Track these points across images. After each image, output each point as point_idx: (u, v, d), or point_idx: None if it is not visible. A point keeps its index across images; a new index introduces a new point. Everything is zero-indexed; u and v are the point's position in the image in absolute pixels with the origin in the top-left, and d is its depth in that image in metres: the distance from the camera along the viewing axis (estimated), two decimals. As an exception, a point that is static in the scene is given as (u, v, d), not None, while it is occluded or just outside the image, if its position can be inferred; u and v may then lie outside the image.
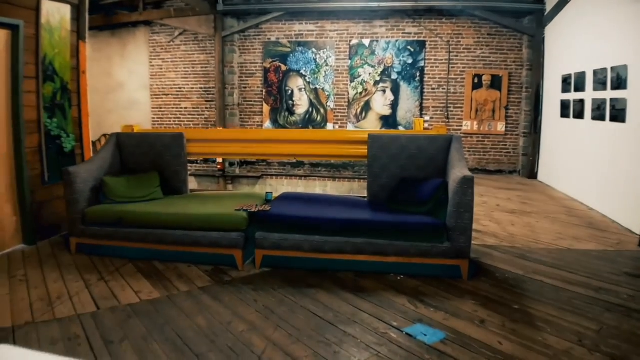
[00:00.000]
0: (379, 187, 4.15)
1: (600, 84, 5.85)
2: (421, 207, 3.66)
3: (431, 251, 3.43)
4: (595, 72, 6.03)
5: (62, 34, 4.64)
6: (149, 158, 4.55)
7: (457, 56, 9.18)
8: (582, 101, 6.49)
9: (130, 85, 10.57)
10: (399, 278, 3.48)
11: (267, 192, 4.33)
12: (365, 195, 4.33)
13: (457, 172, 3.47)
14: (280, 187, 9.96)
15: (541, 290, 3.26)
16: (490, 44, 9.04)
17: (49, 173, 4.49)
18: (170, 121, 10.45)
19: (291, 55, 9.68)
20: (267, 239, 3.63)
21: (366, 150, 4.23)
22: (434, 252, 3.42)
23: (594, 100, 6.07)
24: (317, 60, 9.60)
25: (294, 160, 4.48)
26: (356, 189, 9.61)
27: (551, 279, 3.46)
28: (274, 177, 10.04)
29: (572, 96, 6.84)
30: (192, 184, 10.27)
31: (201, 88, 10.21)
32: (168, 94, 10.40)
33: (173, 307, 3.01)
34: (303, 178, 9.88)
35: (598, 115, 5.92)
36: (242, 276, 3.56)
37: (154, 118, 10.54)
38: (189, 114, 10.39)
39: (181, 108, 10.39)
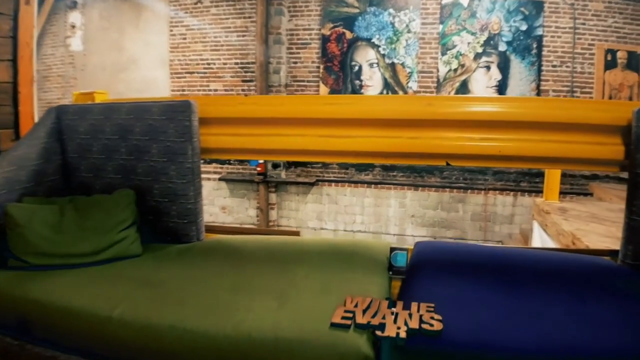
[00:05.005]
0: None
1: None
2: None
3: None
4: None
5: None
6: (119, 159, 2.06)
7: (583, 24, 7.11)
8: None
9: (146, 62, 8.59)
10: None
11: (393, 250, 1.76)
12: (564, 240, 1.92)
13: None
14: (341, 197, 7.71)
15: None
16: (624, 11, 7.04)
17: None
18: (195, 108, 8.25)
19: (360, 18, 7.55)
20: None
21: (620, 147, 1.83)
22: None
23: None
24: (396, 24, 7.43)
25: (447, 165, 1.90)
26: (447, 202, 7.11)
27: None
28: (332, 183, 7.77)
29: None
30: (222, 190, 7.93)
31: (236, 64, 8.12)
32: (193, 72, 8.37)
33: None
34: (372, 186, 7.59)
35: None
36: None
37: (175, 104, 8.39)
38: (220, 99, 8.23)
39: (210, 90, 8.34)
